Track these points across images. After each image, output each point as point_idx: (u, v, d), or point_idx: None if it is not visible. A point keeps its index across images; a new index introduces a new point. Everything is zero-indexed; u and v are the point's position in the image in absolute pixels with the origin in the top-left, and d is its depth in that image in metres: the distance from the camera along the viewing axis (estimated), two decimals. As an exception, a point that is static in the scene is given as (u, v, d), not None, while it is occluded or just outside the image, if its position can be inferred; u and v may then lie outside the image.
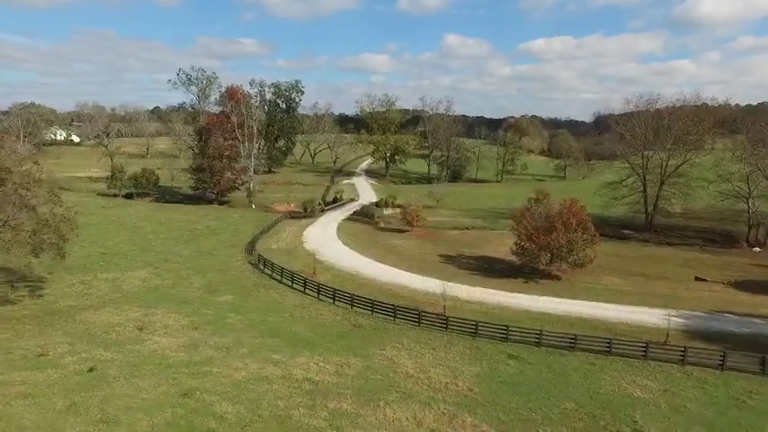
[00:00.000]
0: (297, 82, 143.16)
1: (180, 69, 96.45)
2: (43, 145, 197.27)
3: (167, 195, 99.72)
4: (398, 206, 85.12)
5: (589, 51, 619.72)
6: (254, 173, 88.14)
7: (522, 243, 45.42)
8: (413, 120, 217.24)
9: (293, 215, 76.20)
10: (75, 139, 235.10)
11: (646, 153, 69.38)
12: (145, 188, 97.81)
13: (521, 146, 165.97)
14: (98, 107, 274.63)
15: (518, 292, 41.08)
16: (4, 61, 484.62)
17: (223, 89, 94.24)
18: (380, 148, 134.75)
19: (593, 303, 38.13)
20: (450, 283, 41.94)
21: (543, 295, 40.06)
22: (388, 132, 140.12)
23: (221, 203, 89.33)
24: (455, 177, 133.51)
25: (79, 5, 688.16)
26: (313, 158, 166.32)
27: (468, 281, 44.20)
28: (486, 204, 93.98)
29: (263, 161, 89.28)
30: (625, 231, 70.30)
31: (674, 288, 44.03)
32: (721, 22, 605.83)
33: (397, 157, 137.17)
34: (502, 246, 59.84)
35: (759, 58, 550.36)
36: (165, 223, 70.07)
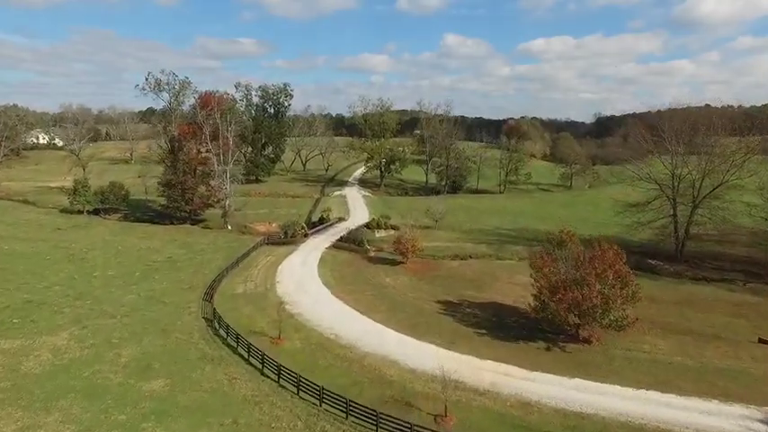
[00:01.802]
0: (285, 85, 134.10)
1: (149, 73, 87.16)
2: (23, 149, 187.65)
3: (138, 212, 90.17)
4: (392, 227, 75.97)
5: (589, 51, 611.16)
6: (232, 183, 78.22)
7: (543, 297, 36.05)
8: (411, 122, 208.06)
9: (271, 240, 66.75)
10: (59, 142, 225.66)
11: (677, 172, 59.85)
12: (113, 203, 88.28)
13: (524, 152, 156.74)
14: (83, 109, 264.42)
15: (541, 369, 31.62)
16: (4, 61, 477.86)
17: (203, 94, 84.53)
18: (375, 157, 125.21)
19: (644, 393, 28.71)
20: (452, 354, 32.88)
21: (574, 376, 30.61)
22: (384, 138, 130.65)
23: (195, 222, 79.86)
24: (455, 188, 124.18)
25: (77, 5, 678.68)
26: (304, 166, 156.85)
27: (475, 348, 34.81)
28: (489, 223, 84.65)
29: (240, 177, 79.44)
30: (652, 262, 60.90)
31: (735, 356, 34.66)
32: (721, 22, 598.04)
33: (392, 167, 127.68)
34: (512, 285, 50.68)
35: (759, 59, 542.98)
36: (121, 253, 60.57)
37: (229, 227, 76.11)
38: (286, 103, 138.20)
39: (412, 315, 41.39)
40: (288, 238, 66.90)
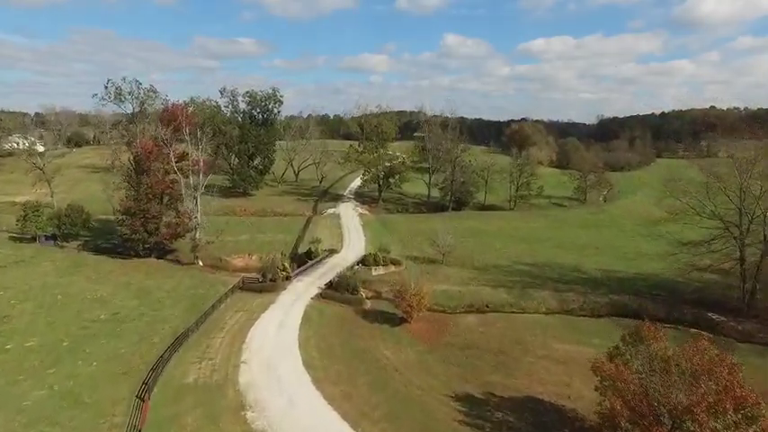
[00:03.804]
0: (275, 91, 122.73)
1: (109, 80, 75.47)
2: (0, 156, 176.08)
3: (101, 238, 78.42)
4: (392, 262, 64.77)
5: (589, 51, 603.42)
6: (208, 199, 66.56)
7: (621, 428, 24.38)
8: (410, 124, 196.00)
9: (247, 284, 55.07)
10: (40, 148, 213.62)
11: (745, 207, 48.34)
12: (70, 230, 76.52)
13: (533, 162, 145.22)
14: (66, 111, 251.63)
15: None
16: (4, 61, 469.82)
17: (169, 106, 72.69)
18: (372, 170, 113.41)
19: None
20: None
21: None
22: (382, 148, 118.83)
23: (162, 255, 68.23)
24: (460, 203, 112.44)
25: (76, 5, 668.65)
26: (296, 176, 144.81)
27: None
28: (504, 253, 73.29)
29: (214, 203, 67.79)
30: (713, 317, 49.56)
31: None
32: (721, 21, 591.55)
33: (391, 180, 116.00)
34: (548, 361, 39.34)
35: (759, 59, 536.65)
36: (58, 305, 48.90)
37: (200, 262, 64.55)
38: (275, 110, 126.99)
39: (421, 427, 29.79)
40: (267, 281, 55.23)
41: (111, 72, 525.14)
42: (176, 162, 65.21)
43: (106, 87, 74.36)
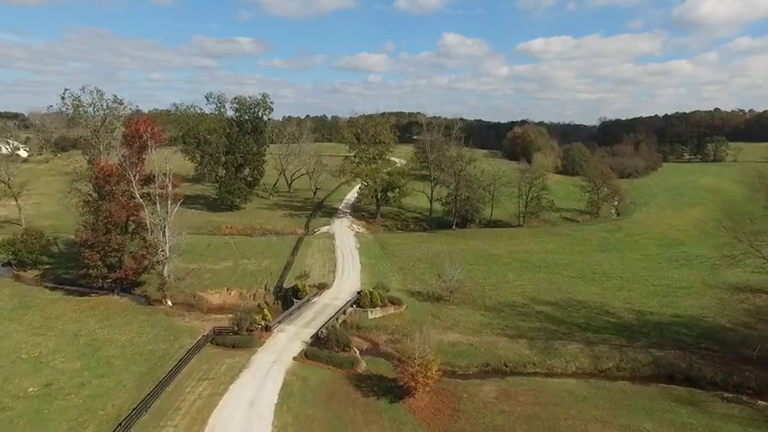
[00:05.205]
0: (264, 97, 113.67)
1: (66, 90, 66.11)
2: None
3: (63, 267, 69.23)
4: (391, 302, 56.07)
5: (588, 51, 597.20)
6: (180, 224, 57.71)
7: None
8: (409, 126, 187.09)
9: (219, 336, 46.03)
10: (23, 153, 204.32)
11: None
12: (27, 257, 67.63)
13: (540, 171, 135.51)
14: (52, 114, 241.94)
15: None
16: (1, 60, 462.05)
17: (133, 120, 62.97)
18: (369, 182, 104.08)
19: None
20: None
21: None
22: (381, 159, 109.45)
23: (127, 289, 59.40)
24: (465, 221, 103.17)
25: (73, 4, 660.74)
26: (289, 186, 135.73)
27: None
28: (519, 287, 64.40)
29: (186, 233, 58.60)
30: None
31: None
32: (720, 22, 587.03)
33: (390, 194, 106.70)
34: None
35: (756, 59, 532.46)
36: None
37: (169, 302, 55.61)
38: (266, 117, 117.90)
39: None
40: (243, 332, 46.15)
41: (108, 71, 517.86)
42: (141, 186, 56.25)
43: (63, 98, 65.23)
